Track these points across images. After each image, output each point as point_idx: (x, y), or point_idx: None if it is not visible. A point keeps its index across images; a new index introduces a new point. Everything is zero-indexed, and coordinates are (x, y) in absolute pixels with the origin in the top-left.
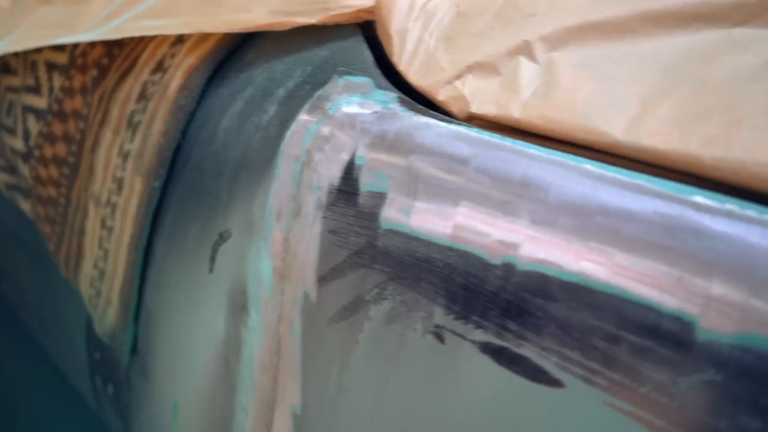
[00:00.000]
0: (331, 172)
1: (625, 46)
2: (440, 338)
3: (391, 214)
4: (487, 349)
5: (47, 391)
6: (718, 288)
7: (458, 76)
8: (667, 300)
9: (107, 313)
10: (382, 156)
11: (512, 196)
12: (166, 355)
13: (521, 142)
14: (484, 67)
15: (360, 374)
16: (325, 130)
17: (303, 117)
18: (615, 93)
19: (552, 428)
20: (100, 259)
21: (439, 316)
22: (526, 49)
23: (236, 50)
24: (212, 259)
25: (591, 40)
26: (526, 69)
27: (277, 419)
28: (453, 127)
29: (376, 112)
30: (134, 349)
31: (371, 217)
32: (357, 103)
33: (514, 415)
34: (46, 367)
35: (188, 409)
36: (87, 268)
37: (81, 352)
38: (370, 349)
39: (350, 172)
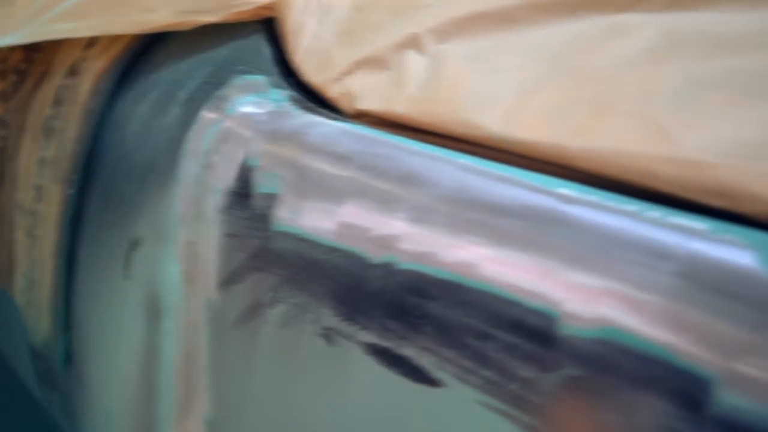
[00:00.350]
0: (227, 174)
1: (512, 36)
2: (330, 340)
3: (282, 216)
4: (372, 350)
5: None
6: (578, 281)
7: (348, 72)
8: (532, 295)
9: (40, 322)
10: (274, 156)
11: (391, 194)
12: (96, 364)
13: (403, 138)
14: (373, 62)
15: (262, 379)
16: (222, 131)
17: (203, 118)
18: (496, 84)
19: (434, 428)
20: (29, 268)
21: (328, 318)
22: (414, 42)
23: (146, 52)
24: (127, 265)
25: (479, 30)
26: (414, 62)
27: (192, 426)
28: (339, 125)
29: (269, 112)
30: (69, 358)
31: (265, 219)
32: (252, 102)
33: (399, 416)
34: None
35: (119, 417)
36: (18, 278)
37: (29, 361)
38: (269, 354)
39: (245, 173)
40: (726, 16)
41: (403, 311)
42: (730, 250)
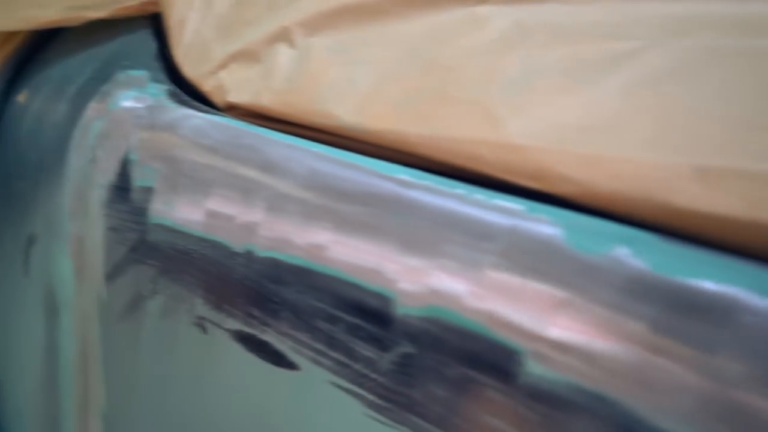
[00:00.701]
0: (110, 169)
1: (376, 28)
2: (202, 329)
3: (157, 208)
4: (238, 337)
5: None
6: (411, 262)
7: (223, 66)
8: (372, 277)
9: None
10: (150, 150)
11: (252, 183)
12: (4, 364)
13: (266, 130)
14: (246, 56)
15: (146, 370)
16: (105, 126)
17: (88, 114)
18: (353, 76)
19: (295, 411)
20: None
21: (200, 307)
22: (285, 36)
23: (39, 49)
24: (26, 262)
25: (346, 23)
26: (284, 55)
27: (90, 421)
28: (210, 118)
29: (147, 106)
30: None
31: (142, 212)
32: (133, 97)
33: (265, 400)
34: None
35: (28, 415)
36: None
37: None
38: (152, 345)
39: (125, 167)
40: (572, 7)
41: (263, 298)
42: (541, 229)
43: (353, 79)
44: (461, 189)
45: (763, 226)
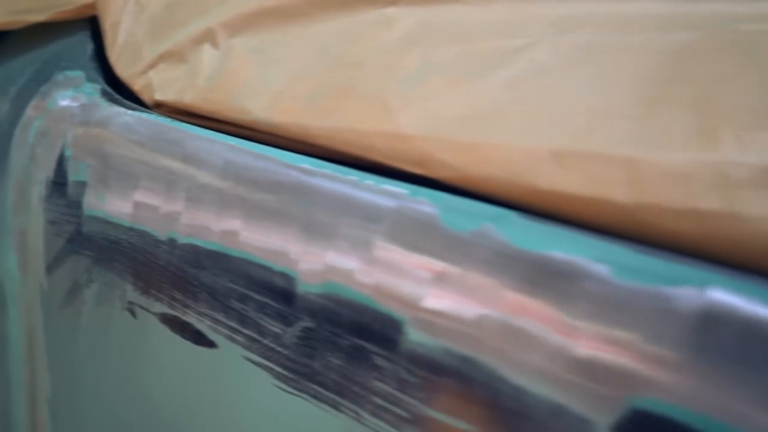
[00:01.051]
0: (48, 165)
1: (294, 29)
2: (133, 313)
3: (90, 201)
4: (164, 319)
5: None
6: (311, 243)
7: (152, 66)
8: (278, 259)
9: None
10: (83, 147)
11: (174, 175)
12: None
13: (189, 125)
14: (174, 56)
15: (85, 356)
16: (44, 125)
17: (29, 113)
18: (268, 74)
19: (214, 385)
20: None
21: (130, 292)
22: (209, 37)
23: None
24: None
25: (266, 25)
26: (208, 55)
27: (37, 408)
28: (138, 115)
29: (81, 105)
30: None
31: (77, 205)
32: (69, 96)
33: (190, 377)
34: None
35: None
36: None
37: None
38: (89, 331)
39: (61, 164)
40: (472, 8)
41: (184, 282)
42: (421, 210)
43: (267, 77)
44: (355, 175)
45: (607, 202)
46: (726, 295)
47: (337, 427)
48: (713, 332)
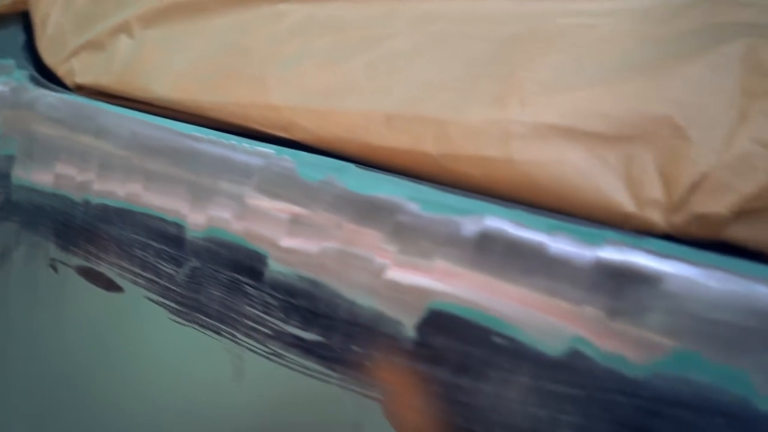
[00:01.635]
0: None
1: (200, 23)
2: (55, 269)
3: (18, 173)
4: (81, 271)
5: None
6: (197, 196)
7: (75, 54)
8: (171, 211)
9: None
10: (12, 125)
11: (88, 147)
12: None
13: (103, 104)
14: (94, 45)
15: (16, 314)
16: None
17: None
18: (174, 60)
19: (123, 326)
20: None
21: (53, 250)
22: (126, 28)
23: None
24: None
25: (176, 18)
26: (123, 44)
27: None
28: (61, 96)
29: (12, 88)
30: None
31: (6, 176)
32: (2, 82)
33: (104, 320)
34: None
35: None
36: None
37: None
38: (19, 290)
39: None
40: (353, 4)
41: (97, 236)
42: (284, 165)
43: (172, 62)
44: (234, 140)
45: (421, 153)
46: (499, 221)
47: (219, 348)
48: (488, 249)
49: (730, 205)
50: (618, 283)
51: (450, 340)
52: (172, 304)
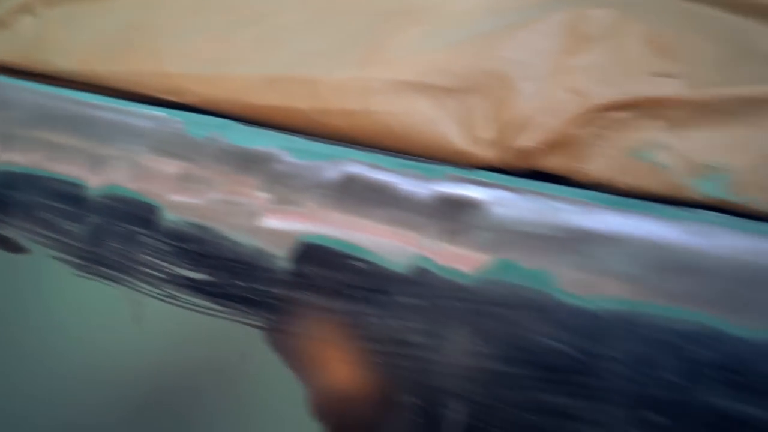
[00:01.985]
0: None
1: (98, 4)
2: None
3: None
4: None
5: None
6: (97, 159)
7: None
8: (73, 172)
9: None
10: None
11: None
12: None
13: (9, 78)
14: None
15: None
16: None
17: None
18: (75, 36)
19: (34, 284)
20: None
21: None
22: (28, 8)
23: None
24: None
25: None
26: (26, 23)
27: None
28: None
29: None
30: None
31: None
32: None
33: (14, 282)
34: None
35: None
36: None
37: None
38: None
39: None
40: None
41: (4, 203)
42: (173, 126)
43: (73, 38)
44: (131, 107)
45: (295, 109)
46: (358, 166)
47: (120, 297)
48: (350, 188)
49: (542, 140)
50: (453, 209)
51: (319, 267)
52: (76, 260)
